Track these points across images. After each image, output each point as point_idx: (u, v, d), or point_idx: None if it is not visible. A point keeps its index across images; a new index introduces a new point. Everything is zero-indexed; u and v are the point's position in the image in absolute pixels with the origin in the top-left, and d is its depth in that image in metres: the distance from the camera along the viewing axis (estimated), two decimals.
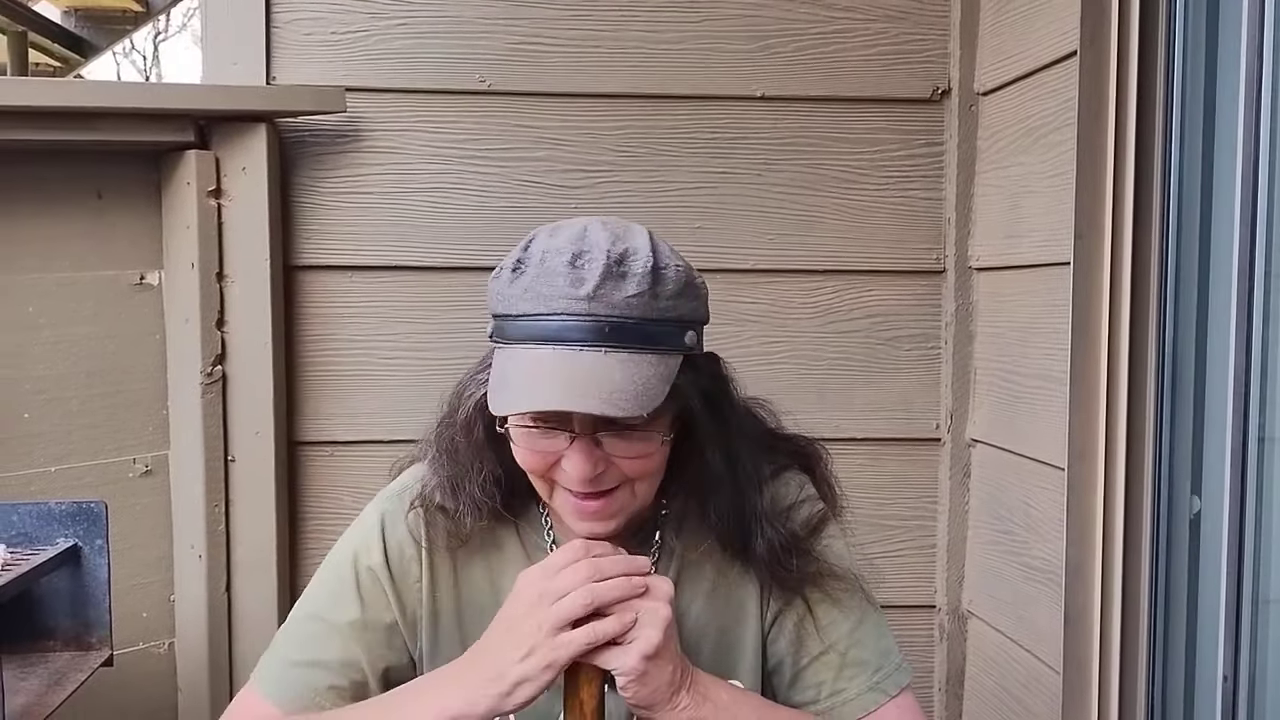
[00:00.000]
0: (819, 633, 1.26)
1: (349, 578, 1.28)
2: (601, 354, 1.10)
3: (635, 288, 1.11)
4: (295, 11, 2.00)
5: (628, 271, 1.11)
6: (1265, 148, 1.47)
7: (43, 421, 1.87)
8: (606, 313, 1.10)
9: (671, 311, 1.14)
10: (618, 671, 1.10)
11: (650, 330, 1.12)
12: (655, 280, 1.12)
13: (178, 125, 1.90)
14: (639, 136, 2.05)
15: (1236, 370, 1.51)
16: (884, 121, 2.08)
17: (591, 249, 1.12)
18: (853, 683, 1.25)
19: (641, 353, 1.11)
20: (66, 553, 1.59)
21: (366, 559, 1.28)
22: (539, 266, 1.12)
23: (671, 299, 1.13)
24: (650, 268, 1.12)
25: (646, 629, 1.09)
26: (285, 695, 1.25)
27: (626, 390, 1.09)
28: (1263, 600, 1.52)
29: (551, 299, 1.10)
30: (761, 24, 2.05)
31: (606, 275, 1.10)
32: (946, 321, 2.11)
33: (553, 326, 1.10)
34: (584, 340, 1.10)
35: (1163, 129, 1.62)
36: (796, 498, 1.30)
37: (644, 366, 1.11)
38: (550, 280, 1.11)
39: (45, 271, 1.87)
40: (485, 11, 2.03)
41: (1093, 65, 1.65)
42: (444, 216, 2.04)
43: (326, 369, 2.04)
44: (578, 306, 1.09)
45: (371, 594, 1.27)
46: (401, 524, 1.28)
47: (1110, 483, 1.66)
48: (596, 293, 1.10)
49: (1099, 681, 1.67)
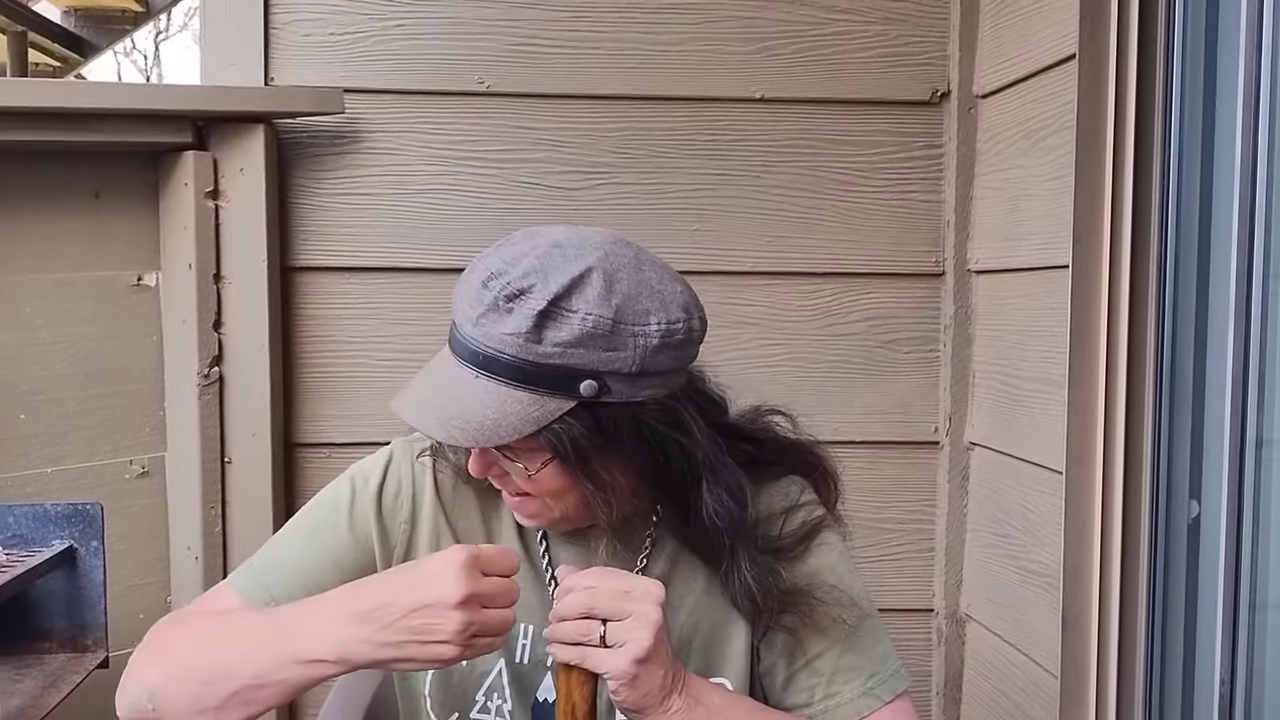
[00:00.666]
0: (814, 637, 1.25)
1: (344, 497, 1.29)
2: (471, 376, 1.12)
3: (513, 327, 1.10)
4: (294, 12, 2.00)
5: (515, 309, 1.10)
6: (1264, 151, 1.47)
7: (39, 422, 1.87)
8: (484, 341, 1.11)
9: (558, 358, 1.11)
10: (608, 675, 1.09)
11: (526, 370, 1.11)
12: (542, 324, 1.10)
13: (176, 126, 1.90)
14: (638, 138, 2.05)
15: (1235, 374, 1.51)
16: (883, 124, 2.08)
17: (506, 272, 1.12)
18: (847, 686, 1.25)
19: (507, 387, 1.11)
20: (62, 554, 1.59)
21: (363, 483, 1.29)
22: (469, 272, 1.16)
23: (563, 345, 1.11)
24: (539, 311, 1.10)
25: (637, 632, 1.08)
26: (248, 593, 1.27)
27: (471, 419, 1.11)
28: (1260, 604, 1.52)
29: (457, 309, 1.14)
30: (760, 26, 2.05)
31: (493, 307, 1.11)
32: (945, 324, 2.11)
33: (452, 335, 1.15)
34: (462, 358, 1.13)
35: (1161, 132, 1.62)
36: (792, 502, 1.29)
37: (509, 401, 1.11)
38: (463, 292, 1.14)
39: (43, 272, 1.87)
40: (484, 13, 2.02)
41: (1091, 68, 1.64)
42: (442, 218, 2.03)
43: (324, 370, 2.04)
44: (465, 328, 1.13)
45: (358, 518, 1.27)
46: (407, 463, 1.29)
47: (1108, 487, 1.66)
48: (479, 320, 1.12)
49: (1097, 686, 1.66)
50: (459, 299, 1.14)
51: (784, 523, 1.27)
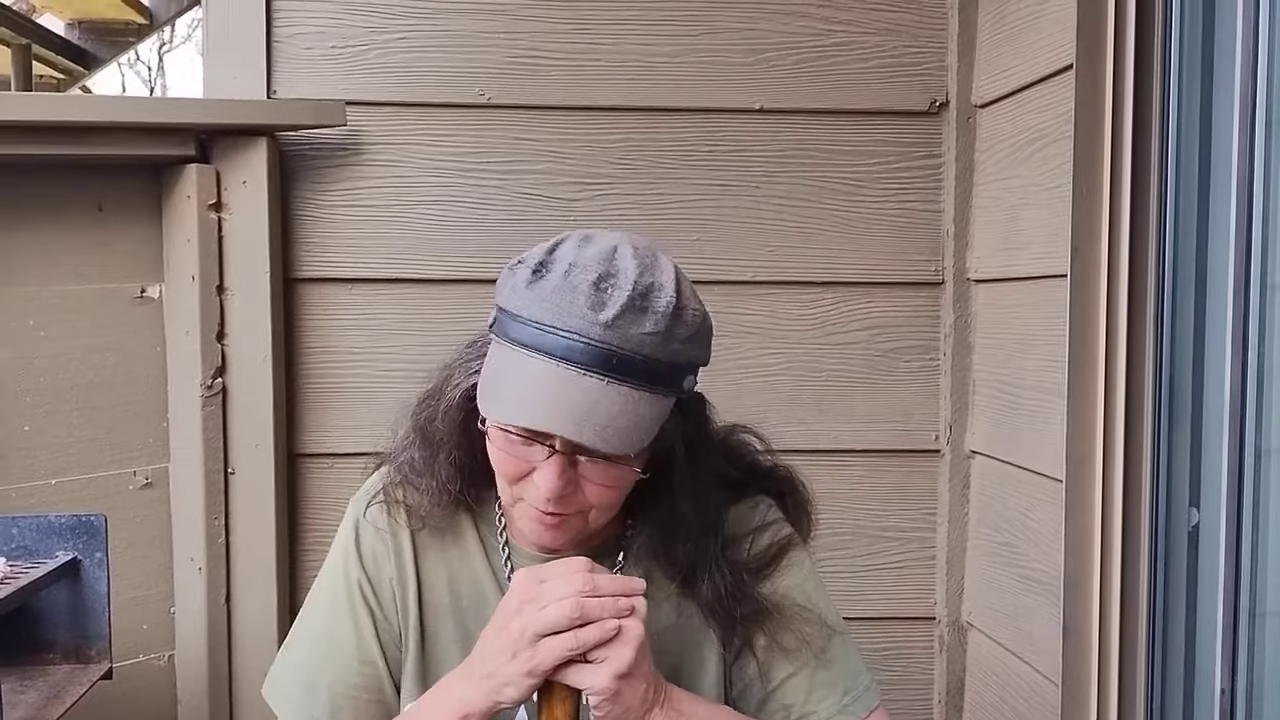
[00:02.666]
0: (786, 658, 1.25)
1: (342, 592, 1.29)
2: (604, 384, 1.08)
3: (652, 326, 1.09)
4: (296, 26, 2.01)
5: (649, 307, 1.09)
6: (1260, 160, 1.48)
7: (43, 434, 1.87)
8: (618, 344, 1.08)
9: (680, 355, 1.12)
10: (590, 691, 1.09)
11: (656, 370, 1.10)
12: (673, 322, 1.10)
13: (178, 139, 1.91)
14: (638, 149, 2.06)
15: (1234, 382, 1.51)
16: (882, 134, 2.09)
17: (619, 274, 1.10)
18: (821, 705, 1.24)
19: (639, 390, 1.10)
20: (66, 566, 1.60)
21: (352, 573, 1.29)
22: (563, 279, 1.10)
23: (683, 343, 1.12)
24: (671, 308, 1.10)
25: (618, 647, 1.08)
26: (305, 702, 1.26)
27: (619, 425, 1.08)
28: (1261, 613, 1.52)
29: (569, 316, 1.08)
30: (760, 37, 2.06)
31: (628, 307, 1.08)
32: (945, 333, 2.11)
33: (562, 344, 1.08)
34: (589, 366, 1.07)
35: (1159, 141, 1.63)
36: (759, 522, 1.30)
37: (640, 404, 1.10)
38: (572, 296, 1.08)
39: (46, 284, 1.88)
40: (485, 25, 2.03)
41: (1089, 78, 1.65)
42: (444, 229, 2.04)
43: (326, 381, 2.05)
44: (593, 331, 1.07)
45: (361, 608, 1.28)
46: (369, 527, 1.30)
47: (1108, 495, 1.66)
48: (615, 322, 1.08)
49: (1097, 694, 1.67)
50: (565, 303, 1.08)
51: (752, 543, 1.27)
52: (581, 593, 1.08)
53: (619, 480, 1.15)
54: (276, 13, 2.00)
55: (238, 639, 1.97)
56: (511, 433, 1.13)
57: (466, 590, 1.28)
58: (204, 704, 1.95)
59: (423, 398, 1.28)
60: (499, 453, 1.16)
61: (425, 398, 1.27)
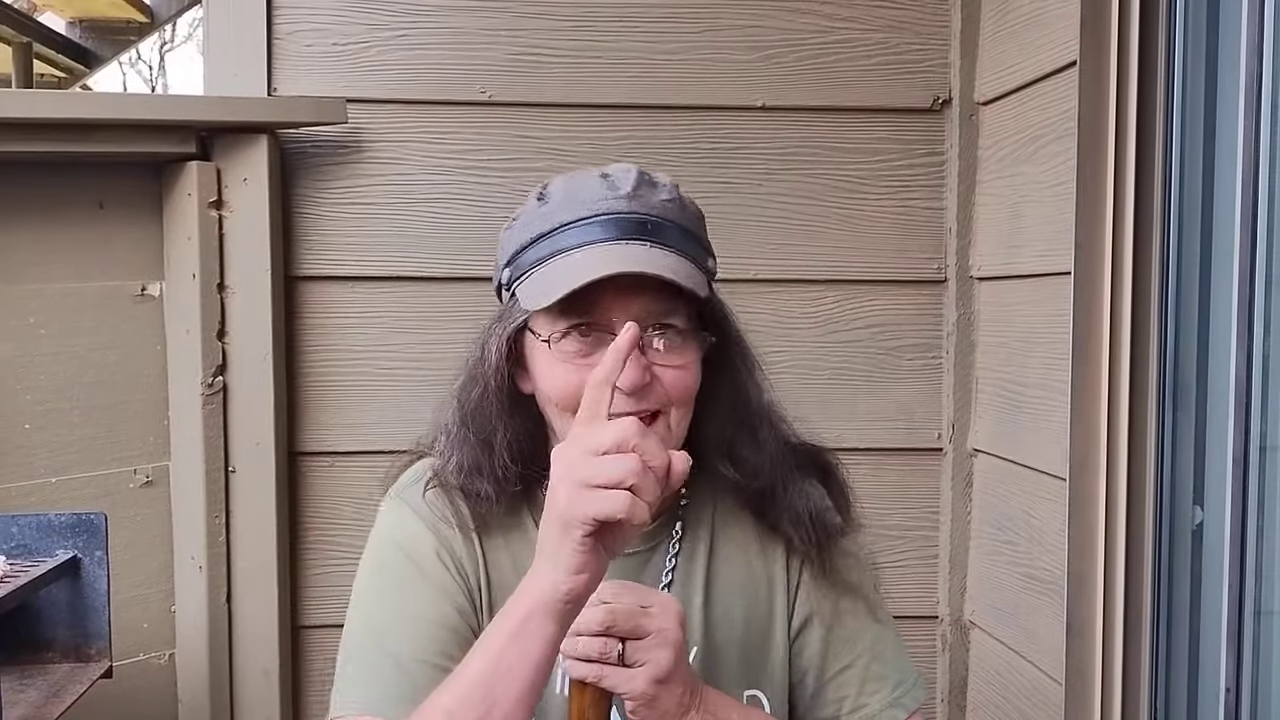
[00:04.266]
0: (843, 645, 1.26)
1: (410, 572, 1.20)
2: (647, 247, 1.13)
3: (667, 195, 1.17)
4: (296, 23, 2.01)
5: (657, 183, 1.18)
6: (1265, 156, 1.47)
7: (43, 432, 1.87)
8: (644, 210, 1.14)
9: (698, 226, 1.20)
10: (626, 696, 1.06)
11: (684, 236, 1.16)
12: (680, 196, 1.19)
13: (179, 136, 1.90)
14: (640, 147, 2.05)
15: (1238, 380, 1.50)
16: (885, 131, 2.08)
17: (615, 171, 1.18)
18: (874, 698, 1.25)
19: (678, 254, 1.14)
20: (66, 564, 1.59)
21: (412, 543, 1.22)
22: (569, 183, 1.17)
23: (694, 220, 1.20)
24: (674, 186, 1.19)
25: (656, 651, 1.06)
26: (398, 696, 1.14)
27: (679, 271, 1.12)
28: (1265, 611, 1.51)
29: (591, 202, 1.14)
30: (762, 34, 2.05)
31: (640, 182, 1.16)
32: (948, 331, 2.11)
33: (595, 229, 1.13)
34: (628, 235, 1.12)
35: (1162, 138, 1.62)
36: (821, 505, 1.29)
37: (682, 264, 1.14)
38: (587, 188, 1.15)
39: (47, 282, 1.88)
40: (486, 23, 2.03)
41: (1092, 75, 1.64)
42: (445, 227, 2.04)
43: (327, 379, 2.04)
44: (619, 205, 1.13)
45: (435, 572, 1.20)
46: (426, 508, 1.23)
47: (1112, 493, 1.66)
48: (635, 193, 1.15)
49: (1101, 693, 1.66)
50: (583, 195, 1.15)
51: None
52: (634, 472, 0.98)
53: (688, 357, 1.15)
54: (277, 10, 2.00)
55: (238, 637, 1.97)
56: (574, 331, 1.12)
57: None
58: (204, 703, 1.95)
59: (461, 388, 1.24)
60: (564, 369, 1.13)
61: (464, 385, 1.23)
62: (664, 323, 1.14)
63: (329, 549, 2.05)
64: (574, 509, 0.98)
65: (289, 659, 2.00)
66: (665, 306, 1.14)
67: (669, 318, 1.15)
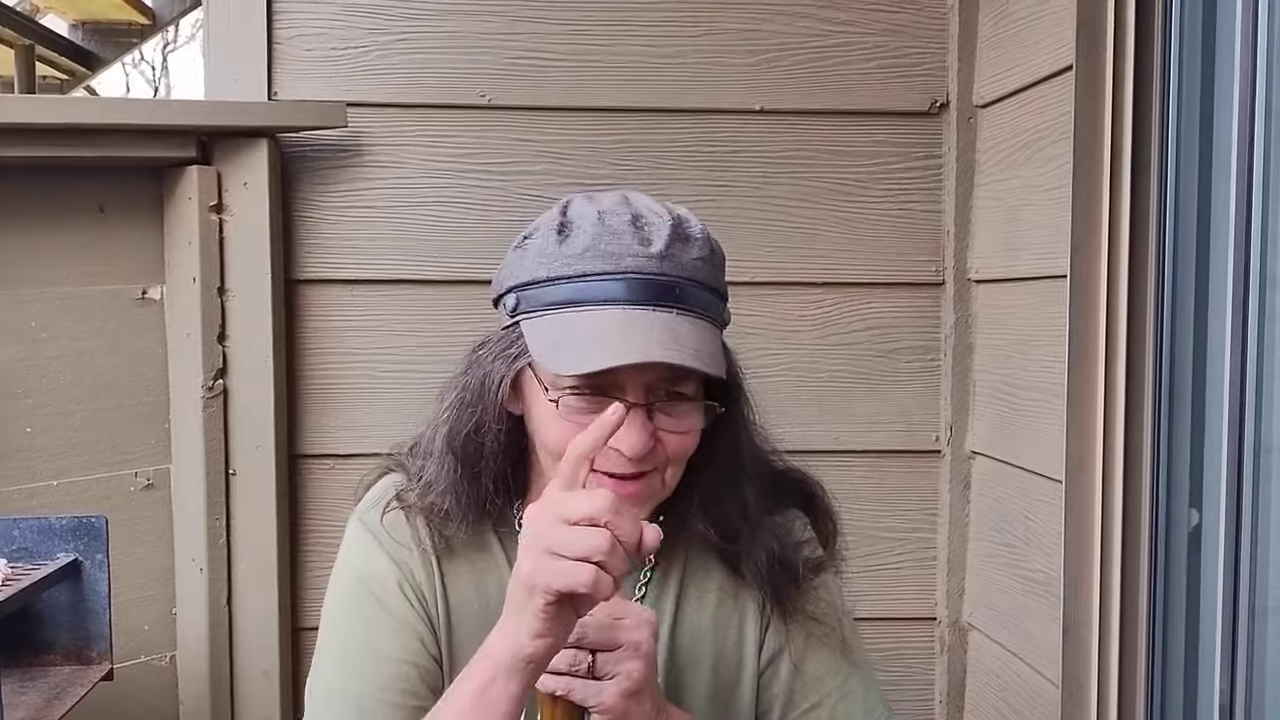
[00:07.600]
0: (810, 685, 1.23)
1: (372, 608, 1.20)
2: (674, 315, 1.06)
3: (698, 251, 1.10)
4: (297, 27, 2.01)
5: (689, 235, 1.10)
6: (1260, 160, 1.48)
7: (44, 435, 1.88)
8: (676, 273, 1.07)
9: (721, 282, 1.14)
10: (596, 709, 1.04)
11: (708, 297, 1.11)
12: (711, 246, 1.12)
13: (180, 141, 1.91)
14: (638, 150, 2.06)
15: (1234, 381, 1.51)
16: (883, 134, 2.09)
17: (645, 213, 1.10)
18: None
19: (703, 319, 1.09)
20: (67, 567, 1.60)
21: (375, 576, 1.20)
22: (598, 225, 1.08)
23: (720, 268, 1.14)
24: (705, 233, 1.12)
25: (627, 663, 1.04)
26: None
27: (706, 350, 1.06)
28: (1261, 612, 1.51)
29: (620, 257, 1.06)
30: (760, 38, 2.06)
31: (674, 236, 1.08)
32: (946, 334, 2.11)
33: (621, 286, 1.06)
34: (656, 301, 1.06)
35: (1159, 141, 1.62)
36: (800, 538, 1.28)
37: (706, 331, 1.09)
38: (617, 238, 1.07)
39: (48, 286, 1.88)
40: (485, 27, 2.04)
41: (1089, 78, 1.65)
42: (445, 230, 2.04)
43: (327, 382, 2.05)
44: (650, 265, 1.06)
45: (397, 606, 1.19)
46: (385, 534, 1.21)
47: (1108, 495, 1.66)
48: (668, 252, 1.07)
49: (1098, 695, 1.66)
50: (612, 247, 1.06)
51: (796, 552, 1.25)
52: (600, 550, 0.96)
53: (693, 423, 1.12)
54: (277, 14, 2.00)
55: (239, 640, 1.97)
56: (583, 393, 1.07)
57: (495, 596, 1.19)
58: (205, 705, 1.95)
59: (452, 411, 1.20)
60: (566, 425, 1.08)
61: (457, 411, 1.20)
62: (675, 390, 1.10)
63: (329, 551, 2.02)
64: (537, 577, 0.96)
65: (289, 660, 2.01)
66: (678, 374, 1.09)
67: (680, 385, 1.11)
